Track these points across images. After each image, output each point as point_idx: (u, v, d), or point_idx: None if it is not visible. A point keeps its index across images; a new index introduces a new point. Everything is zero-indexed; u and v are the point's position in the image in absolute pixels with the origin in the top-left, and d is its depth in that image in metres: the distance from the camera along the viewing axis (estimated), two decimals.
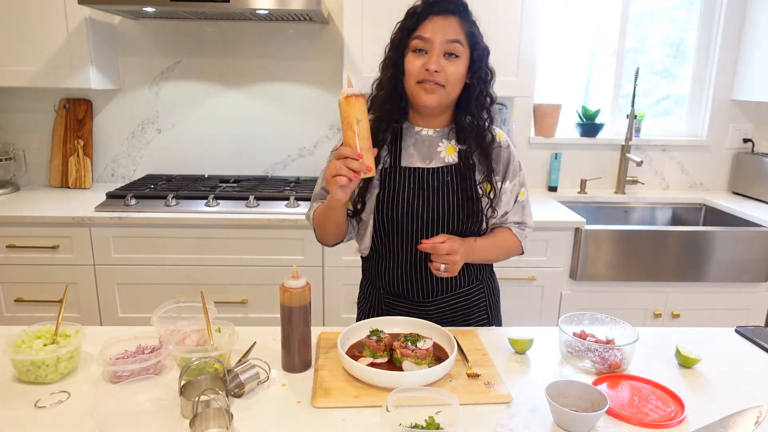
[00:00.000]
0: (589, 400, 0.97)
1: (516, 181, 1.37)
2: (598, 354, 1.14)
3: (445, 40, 1.20)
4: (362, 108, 1.12)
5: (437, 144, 1.32)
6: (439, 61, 1.20)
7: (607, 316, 1.25)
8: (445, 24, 1.21)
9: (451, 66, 1.21)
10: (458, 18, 1.22)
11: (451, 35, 1.21)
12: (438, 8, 1.21)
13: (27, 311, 2.31)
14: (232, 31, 2.66)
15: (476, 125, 1.30)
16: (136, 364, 1.06)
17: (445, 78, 1.21)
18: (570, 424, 0.94)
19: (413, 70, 1.23)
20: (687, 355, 1.17)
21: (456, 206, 1.28)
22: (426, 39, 1.21)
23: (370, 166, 1.11)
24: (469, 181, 1.29)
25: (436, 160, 1.31)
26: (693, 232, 2.33)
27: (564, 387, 0.99)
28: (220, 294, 2.29)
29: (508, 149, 1.35)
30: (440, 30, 1.20)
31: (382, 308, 1.40)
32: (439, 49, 1.20)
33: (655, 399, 1.04)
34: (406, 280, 1.34)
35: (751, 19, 2.74)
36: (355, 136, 1.10)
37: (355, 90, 1.12)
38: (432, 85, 1.22)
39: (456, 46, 1.21)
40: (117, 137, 2.78)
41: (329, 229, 1.34)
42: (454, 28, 1.21)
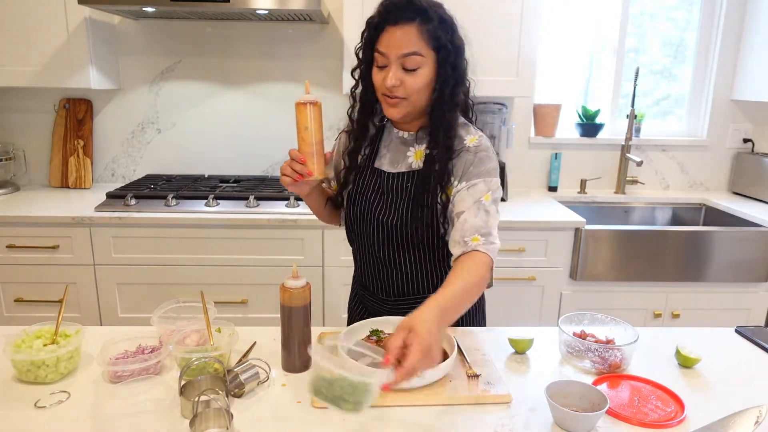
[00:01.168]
0: (589, 400, 0.97)
1: (478, 182, 1.22)
2: (598, 354, 1.14)
3: (400, 54, 1.15)
4: (312, 116, 1.17)
5: (409, 148, 1.30)
6: (396, 75, 1.16)
7: (607, 316, 1.25)
8: (401, 35, 1.14)
9: (410, 78, 1.17)
10: (417, 25, 1.15)
11: (406, 48, 1.14)
12: (393, 18, 1.15)
13: (27, 311, 2.31)
14: (232, 31, 2.66)
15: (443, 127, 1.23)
16: (136, 364, 1.06)
17: (405, 91, 1.18)
18: (570, 424, 0.94)
19: (377, 83, 1.21)
20: (687, 355, 1.17)
21: (410, 213, 1.26)
22: (383, 54, 1.17)
23: (311, 171, 1.19)
24: (426, 189, 1.25)
25: (404, 164, 1.29)
26: (693, 232, 2.33)
27: (564, 387, 0.99)
28: (220, 294, 2.29)
29: (475, 154, 1.24)
30: (395, 44, 1.15)
31: (360, 300, 1.47)
32: (396, 63, 1.16)
33: (655, 399, 1.04)
34: (371, 277, 1.38)
35: (751, 19, 2.74)
36: (303, 142, 1.19)
37: (309, 98, 1.18)
38: (393, 100, 1.19)
39: (413, 59, 1.15)
40: (117, 137, 2.78)
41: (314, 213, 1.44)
42: (411, 38, 1.15)
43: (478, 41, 2.43)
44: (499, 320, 2.38)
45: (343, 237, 2.26)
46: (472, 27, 2.46)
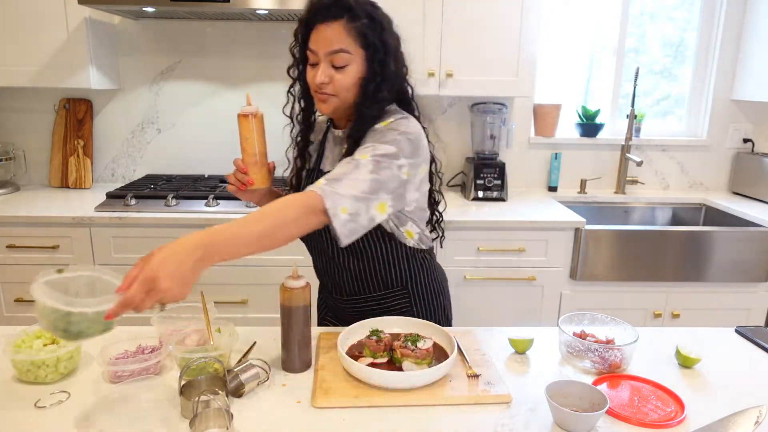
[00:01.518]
0: (589, 400, 0.97)
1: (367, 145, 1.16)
2: (598, 354, 1.14)
3: (327, 51, 1.16)
4: (253, 127, 1.23)
5: (343, 146, 1.29)
6: (325, 72, 1.18)
7: (607, 316, 1.25)
8: (328, 33, 1.15)
9: (338, 75, 1.18)
10: (344, 22, 1.15)
11: (333, 46, 1.15)
12: (321, 16, 1.16)
13: (27, 311, 2.31)
14: (232, 31, 2.66)
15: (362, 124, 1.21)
16: (136, 364, 1.06)
17: (333, 88, 1.19)
18: (570, 424, 0.94)
19: (309, 81, 1.22)
20: (687, 355, 1.17)
21: None
22: (314, 51, 1.18)
23: (252, 180, 1.26)
24: None
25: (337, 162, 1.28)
26: (693, 232, 2.33)
27: (564, 387, 0.99)
28: (220, 294, 2.29)
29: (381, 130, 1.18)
30: (323, 41, 1.16)
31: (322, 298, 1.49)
32: (324, 61, 1.18)
33: (655, 399, 1.04)
34: (325, 276, 1.40)
35: (751, 19, 2.74)
36: (244, 153, 1.25)
37: (249, 109, 1.22)
38: (323, 96, 1.21)
39: (339, 57, 1.16)
40: (117, 137, 2.78)
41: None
42: (337, 35, 1.15)
43: (478, 41, 2.45)
44: (499, 320, 2.38)
45: None
46: (473, 27, 2.48)
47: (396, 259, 1.33)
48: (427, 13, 2.34)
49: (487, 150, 2.74)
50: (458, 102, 2.80)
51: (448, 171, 2.89)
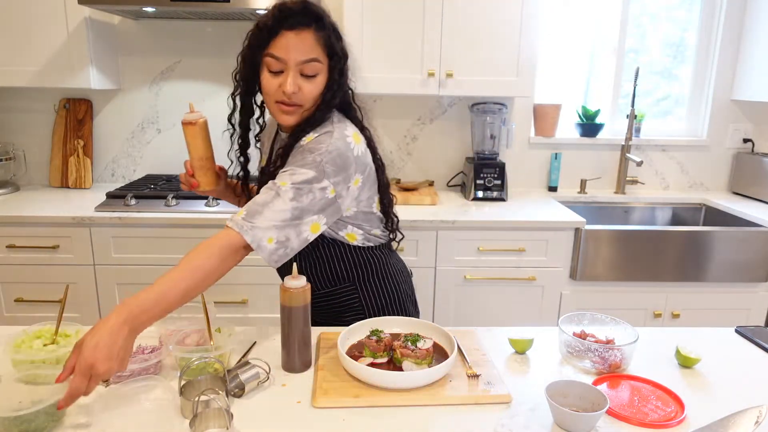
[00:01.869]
0: (589, 400, 0.97)
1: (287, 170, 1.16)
2: (598, 354, 1.14)
3: (300, 60, 1.14)
4: (196, 133, 1.29)
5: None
6: (295, 82, 1.15)
7: (607, 316, 1.25)
8: (299, 41, 1.13)
9: (308, 85, 1.16)
10: (313, 31, 1.14)
11: (306, 54, 1.14)
12: (290, 23, 1.12)
13: (27, 311, 2.31)
14: (232, 31, 2.66)
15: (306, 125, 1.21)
16: (136, 364, 1.06)
17: (302, 98, 1.17)
18: (570, 424, 0.94)
19: (271, 89, 1.17)
20: (687, 355, 1.17)
21: None
22: (280, 59, 1.14)
23: (197, 183, 1.34)
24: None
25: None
26: (693, 232, 2.33)
27: (564, 387, 0.99)
28: (220, 294, 2.29)
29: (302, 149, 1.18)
30: (294, 49, 1.13)
31: None
32: (294, 69, 1.15)
33: (655, 399, 1.04)
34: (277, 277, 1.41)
35: (751, 19, 2.74)
36: (190, 156, 1.33)
37: (192, 116, 1.28)
38: (291, 107, 1.18)
39: (312, 66, 1.15)
40: (117, 137, 2.78)
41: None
42: (309, 44, 1.14)
43: (478, 41, 2.45)
44: (499, 320, 2.38)
45: None
46: (473, 27, 2.47)
47: (340, 258, 1.33)
48: (427, 12, 2.34)
49: (487, 150, 2.74)
50: (458, 102, 2.80)
51: (448, 171, 2.89)
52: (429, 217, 2.26)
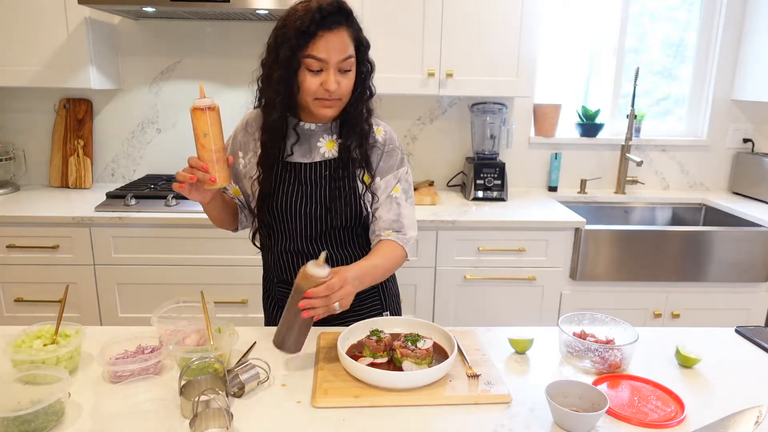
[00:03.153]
0: (589, 400, 0.97)
1: (388, 177, 1.35)
2: (598, 354, 1.14)
3: (340, 59, 1.19)
4: (211, 121, 1.13)
5: (318, 139, 1.33)
6: (336, 79, 1.20)
7: (607, 316, 1.25)
8: (336, 40, 1.18)
9: (345, 80, 1.23)
10: (346, 28, 1.20)
11: (345, 52, 1.20)
12: (328, 23, 1.17)
13: (27, 311, 2.31)
14: (232, 31, 2.66)
15: (354, 117, 1.30)
16: (136, 364, 1.06)
17: (342, 92, 1.23)
18: (570, 424, 0.94)
19: (312, 88, 1.21)
20: (687, 355, 1.17)
21: (336, 200, 1.31)
22: (321, 59, 1.18)
23: (214, 178, 1.16)
24: (348, 175, 1.31)
25: (316, 155, 1.32)
26: (693, 232, 2.33)
27: (564, 387, 0.99)
28: (220, 294, 2.29)
29: (383, 149, 1.35)
30: (334, 49, 1.18)
31: (278, 299, 1.44)
32: (334, 68, 1.20)
33: (655, 399, 1.04)
34: (293, 270, 1.38)
35: (751, 19, 2.74)
36: (203, 149, 1.15)
37: (205, 102, 1.12)
38: (331, 102, 1.23)
39: (350, 62, 1.22)
40: (117, 137, 2.78)
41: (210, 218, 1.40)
42: (345, 42, 1.20)
43: (478, 41, 2.45)
44: (499, 320, 2.38)
45: None
46: (473, 27, 2.47)
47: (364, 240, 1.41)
48: (427, 12, 2.34)
49: (487, 150, 2.74)
50: (458, 102, 2.80)
51: (448, 171, 2.89)
52: (429, 217, 2.27)
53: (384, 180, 1.35)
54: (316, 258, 1.11)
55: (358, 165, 1.32)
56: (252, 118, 1.38)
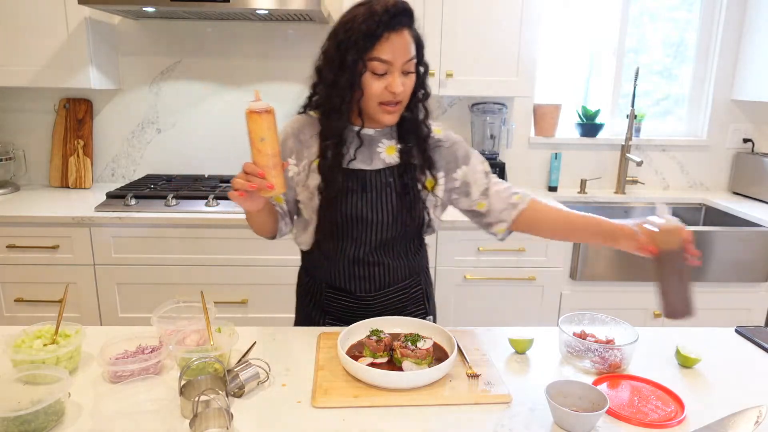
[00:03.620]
0: (589, 400, 0.97)
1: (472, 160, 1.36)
2: (598, 354, 1.14)
3: (405, 60, 1.18)
4: (268, 125, 1.08)
5: (377, 144, 1.30)
6: (401, 81, 1.19)
7: (607, 316, 1.25)
8: (401, 41, 1.17)
9: (408, 82, 1.21)
10: (408, 29, 1.19)
11: (408, 54, 1.18)
12: (393, 24, 1.15)
13: (27, 311, 2.31)
14: (232, 31, 2.66)
15: (412, 120, 1.29)
16: (136, 364, 1.06)
17: (405, 95, 1.22)
18: (570, 424, 0.94)
19: (377, 92, 1.18)
20: (687, 355, 1.17)
21: (398, 206, 1.29)
22: (386, 61, 1.16)
23: (272, 184, 1.10)
24: (410, 181, 1.29)
25: (377, 161, 1.30)
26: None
27: (564, 387, 0.99)
28: (220, 294, 2.29)
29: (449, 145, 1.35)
30: (399, 51, 1.17)
31: (323, 302, 1.40)
32: (399, 70, 1.18)
33: (655, 399, 1.04)
34: (349, 276, 1.35)
35: (751, 19, 2.74)
36: (259, 154, 1.09)
37: (261, 105, 1.07)
38: (395, 107, 1.21)
39: (412, 63, 1.21)
40: (117, 137, 2.78)
41: (253, 227, 1.34)
42: (408, 43, 1.18)
43: (478, 41, 2.45)
44: (499, 320, 2.38)
45: None
46: (473, 27, 2.47)
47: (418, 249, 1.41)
48: (427, 12, 2.34)
49: (487, 150, 2.74)
50: (458, 102, 2.80)
51: None
52: None
53: (469, 165, 1.34)
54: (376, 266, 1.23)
55: (420, 170, 1.30)
56: (304, 124, 1.33)
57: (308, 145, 1.31)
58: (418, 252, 1.41)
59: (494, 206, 1.34)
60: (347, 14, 1.20)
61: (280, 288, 2.31)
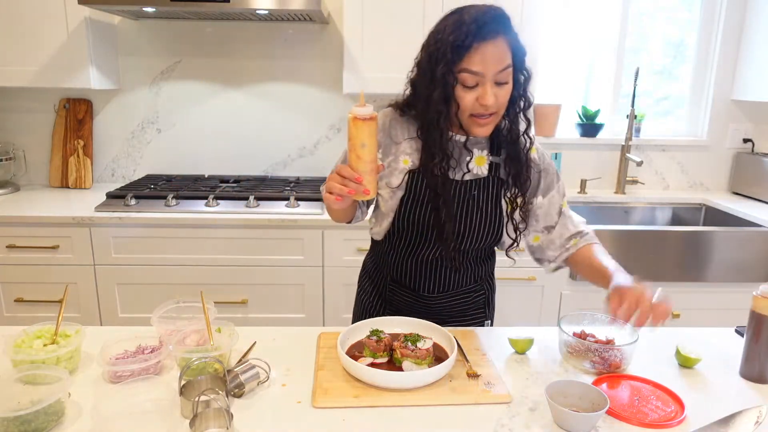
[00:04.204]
0: (589, 400, 0.97)
1: (553, 193, 1.36)
2: (598, 354, 1.14)
3: (496, 71, 1.11)
4: (369, 131, 1.06)
5: (469, 152, 1.26)
6: (493, 92, 1.13)
7: (607, 316, 1.25)
8: (493, 50, 1.10)
9: (502, 92, 1.14)
10: (503, 37, 1.12)
11: (501, 63, 1.11)
12: (485, 33, 1.09)
13: (27, 311, 2.31)
14: (232, 31, 2.66)
15: (512, 132, 1.24)
16: (136, 364, 1.06)
17: (498, 106, 1.15)
18: (570, 425, 0.94)
19: (468, 105, 1.14)
20: (687, 355, 1.17)
21: (478, 221, 1.27)
22: (476, 73, 1.11)
23: (368, 190, 1.09)
24: (494, 198, 1.27)
25: (462, 168, 1.26)
26: (693, 232, 2.33)
27: (564, 387, 0.99)
28: (220, 294, 2.29)
29: (540, 162, 1.32)
30: (491, 61, 1.10)
31: (385, 293, 1.42)
32: (491, 80, 1.12)
33: (655, 399, 1.04)
34: (415, 275, 1.35)
35: (751, 19, 2.74)
36: (358, 160, 1.08)
37: (365, 112, 1.06)
38: (488, 119, 1.16)
39: (506, 73, 1.13)
40: (117, 137, 2.78)
41: (332, 216, 1.35)
42: (502, 52, 1.12)
43: None
44: (499, 320, 2.38)
45: (344, 238, 2.26)
46: None
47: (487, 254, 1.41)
48: (427, 13, 2.34)
49: None
50: None
51: None
52: None
53: (547, 198, 1.34)
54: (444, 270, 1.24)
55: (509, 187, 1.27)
56: (395, 122, 1.29)
57: (397, 141, 1.28)
58: (488, 260, 1.41)
59: (549, 246, 1.37)
60: (439, 24, 1.16)
61: (280, 288, 2.31)
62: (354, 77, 2.40)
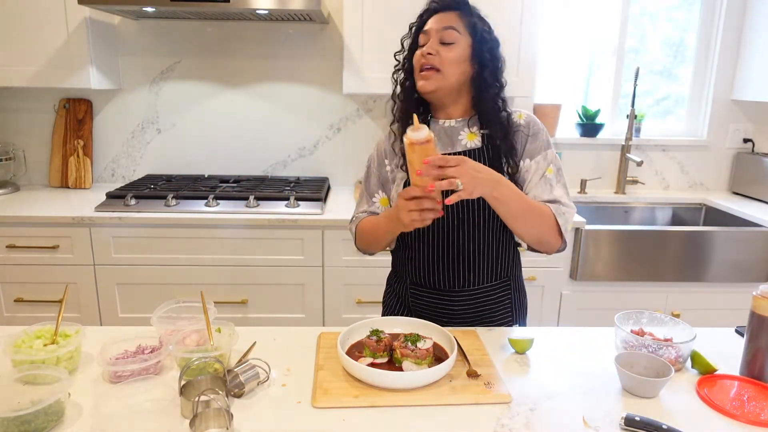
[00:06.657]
0: (654, 369, 1.06)
1: (539, 158, 1.33)
2: (652, 351, 1.14)
3: (440, 27, 1.27)
4: (428, 153, 1.09)
5: (458, 133, 1.35)
6: (432, 46, 1.26)
7: (666, 315, 1.25)
8: (443, 17, 1.29)
9: (445, 50, 1.26)
10: (457, 12, 1.29)
11: (445, 23, 1.27)
12: (437, 5, 1.30)
13: (27, 311, 2.31)
14: (232, 31, 2.66)
15: (492, 109, 1.32)
16: (136, 364, 1.06)
17: (440, 61, 1.26)
18: (638, 390, 1.04)
19: (415, 61, 1.30)
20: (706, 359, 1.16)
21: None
22: (426, 32, 1.29)
23: (442, 211, 1.16)
24: (494, 163, 1.30)
25: (458, 146, 1.34)
26: (693, 232, 2.33)
27: (630, 358, 1.09)
28: (220, 294, 2.29)
29: (527, 128, 1.34)
30: (437, 21, 1.28)
31: (408, 300, 1.43)
32: (435, 37, 1.27)
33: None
34: (433, 270, 1.36)
35: (751, 19, 2.74)
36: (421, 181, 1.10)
37: (420, 136, 1.08)
38: (428, 72, 1.27)
39: (450, 33, 1.27)
40: (117, 137, 2.78)
41: (381, 245, 1.40)
42: (450, 18, 1.28)
43: None
44: None
45: (344, 238, 2.26)
46: None
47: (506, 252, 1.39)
48: None
49: None
50: None
51: None
52: None
53: (534, 161, 1.33)
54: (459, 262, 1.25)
55: (503, 153, 1.31)
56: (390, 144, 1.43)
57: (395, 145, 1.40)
58: (508, 257, 1.40)
59: None
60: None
61: (280, 288, 2.31)
62: (354, 77, 2.40)
